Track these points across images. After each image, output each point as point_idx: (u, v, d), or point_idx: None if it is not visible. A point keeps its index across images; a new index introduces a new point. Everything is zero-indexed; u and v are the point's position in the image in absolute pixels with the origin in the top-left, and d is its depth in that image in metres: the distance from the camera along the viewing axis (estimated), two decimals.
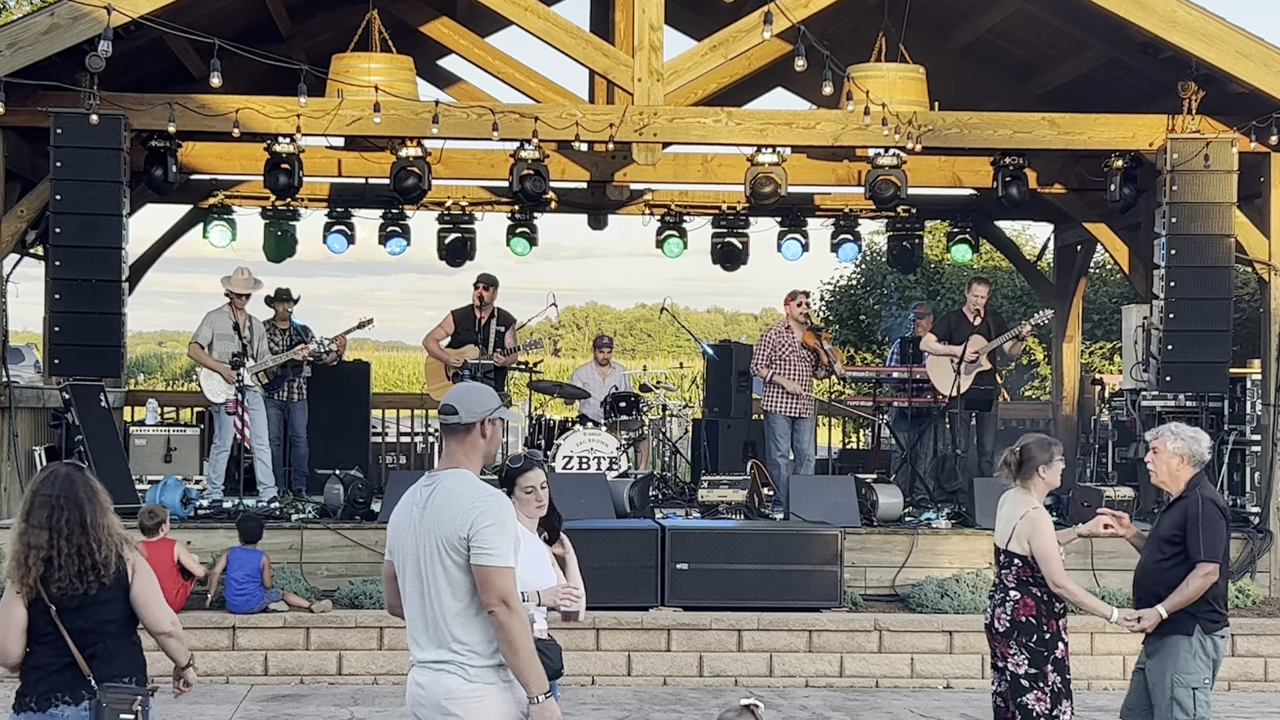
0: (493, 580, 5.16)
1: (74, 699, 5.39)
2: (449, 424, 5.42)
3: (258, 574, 11.58)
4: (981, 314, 14.72)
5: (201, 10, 13.13)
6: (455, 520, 5.23)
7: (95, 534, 5.45)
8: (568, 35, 13.07)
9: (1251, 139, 12.95)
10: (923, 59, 13.70)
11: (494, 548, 5.17)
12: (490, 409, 5.44)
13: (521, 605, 5.23)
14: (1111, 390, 16.79)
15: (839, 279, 28.26)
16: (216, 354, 13.82)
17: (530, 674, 5.17)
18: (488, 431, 5.44)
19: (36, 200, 12.76)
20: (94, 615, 5.42)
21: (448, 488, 5.33)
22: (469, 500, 5.25)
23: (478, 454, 5.43)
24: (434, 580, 5.27)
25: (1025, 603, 7.59)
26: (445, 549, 5.23)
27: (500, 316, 14.40)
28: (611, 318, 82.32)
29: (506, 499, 5.38)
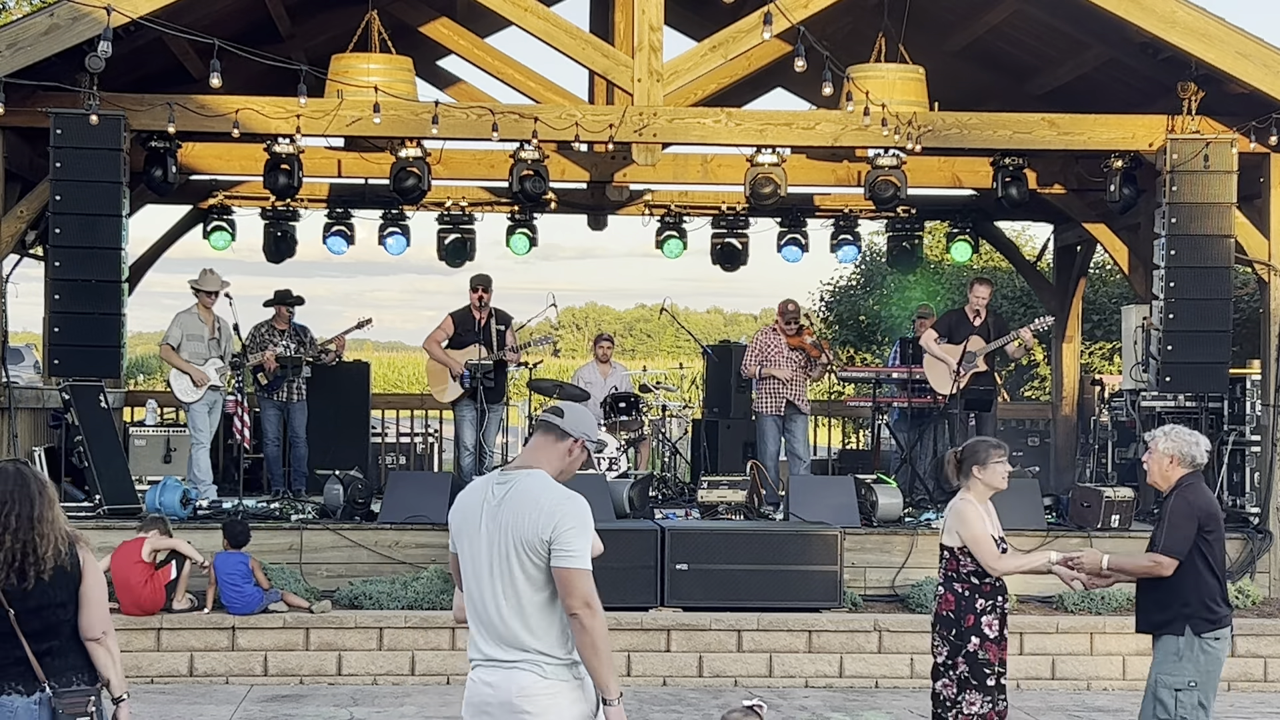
0: (576, 582, 5.17)
1: (27, 690, 5.39)
2: (549, 423, 5.46)
3: (248, 575, 11.57)
4: (982, 315, 14.72)
5: (201, 10, 13.12)
6: (537, 522, 5.22)
7: (39, 528, 5.44)
8: (567, 35, 13.07)
9: (1251, 139, 12.95)
10: (922, 59, 13.70)
11: (576, 550, 5.19)
12: (589, 435, 5.51)
13: (601, 607, 5.23)
14: (1111, 391, 16.79)
15: (839, 279, 28.29)
16: (186, 354, 13.85)
17: (609, 676, 5.21)
18: (575, 451, 5.48)
19: (36, 201, 12.76)
20: (46, 615, 5.41)
21: (526, 488, 5.31)
22: (550, 502, 5.25)
23: (559, 464, 5.46)
24: (511, 581, 5.25)
25: (946, 598, 7.85)
26: (524, 549, 5.22)
27: (499, 316, 14.40)
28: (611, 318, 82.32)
29: (585, 501, 5.38)
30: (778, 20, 12.68)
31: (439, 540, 12.57)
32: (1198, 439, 7.59)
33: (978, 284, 14.89)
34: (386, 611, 11.72)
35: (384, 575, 12.17)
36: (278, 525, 12.63)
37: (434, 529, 12.62)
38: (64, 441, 13.53)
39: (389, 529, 12.62)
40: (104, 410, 13.59)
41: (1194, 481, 7.53)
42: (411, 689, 11.36)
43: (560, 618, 5.24)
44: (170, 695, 10.94)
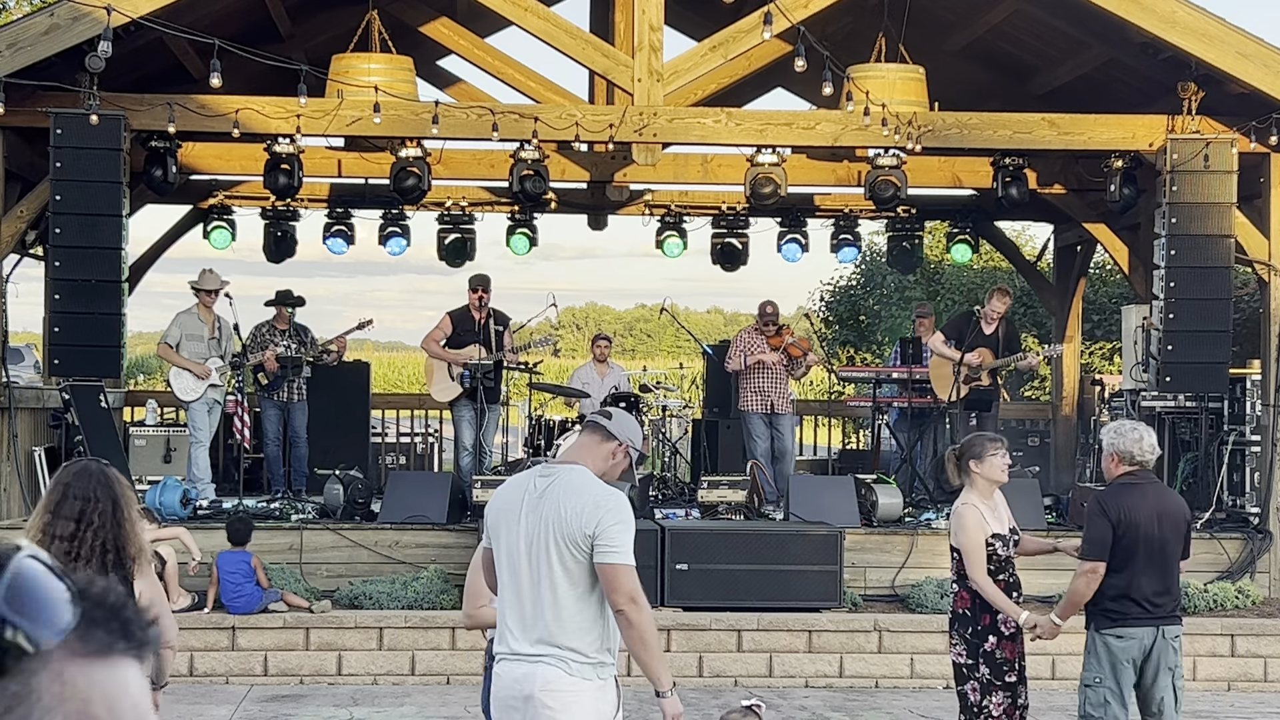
0: (621, 578, 5.20)
1: None
2: (596, 423, 5.47)
3: (251, 574, 11.57)
4: (995, 325, 14.70)
5: (201, 10, 13.13)
6: (580, 517, 5.21)
7: (127, 528, 5.45)
8: (567, 35, 13.07)
9: (1251, 139, 12.95)
10: (923, 59, 13.70)
11: (620, 545, 5.21)
12: (635, 441, 5.51)
13: (648, 603, 5.25)
14: (1111, 391, 16.78)
15: (839, 279, 28.28)
16: (185, 354, 13.86)
17: (661, 669, 5.25)
18: (618, 455, 5.46)
19: (36, 200, 12.76)
20: None
21: (569, 482, 5.30)
22: (593, 497, 5.24)
23: (602, 464, 5.45)
24: (548, 574, 5.23)
25: (961, 595, 7.81)
26: (566, 544, 5.21)
27: (497, 316, 14.40)
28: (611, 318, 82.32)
29: (627, 498, 5.40)
30: (778, 20, 12.67)
31: (439, 540, 12.58)
32: (1141, 435, 7.57)
33: (998, 294, 14.77)
34: (386, 611, 11.72)
35: (384, 575, 12.17)
36: (278, 525, 12.63)
37: (434, 529, 12.63)
38: (64, 441, 13.53)
39: (389, 529, 12.62)
40: (104, 410, 13.59)
41: (1127, 480, 7.52)
42: (411, 689, 11.36)
43: (592, 615, 5.23)
44: (170, 695, 10.93)
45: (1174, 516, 7.62)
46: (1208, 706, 11.34)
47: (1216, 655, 11.94)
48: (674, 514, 13.71)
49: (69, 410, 13.03)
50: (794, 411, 15.23)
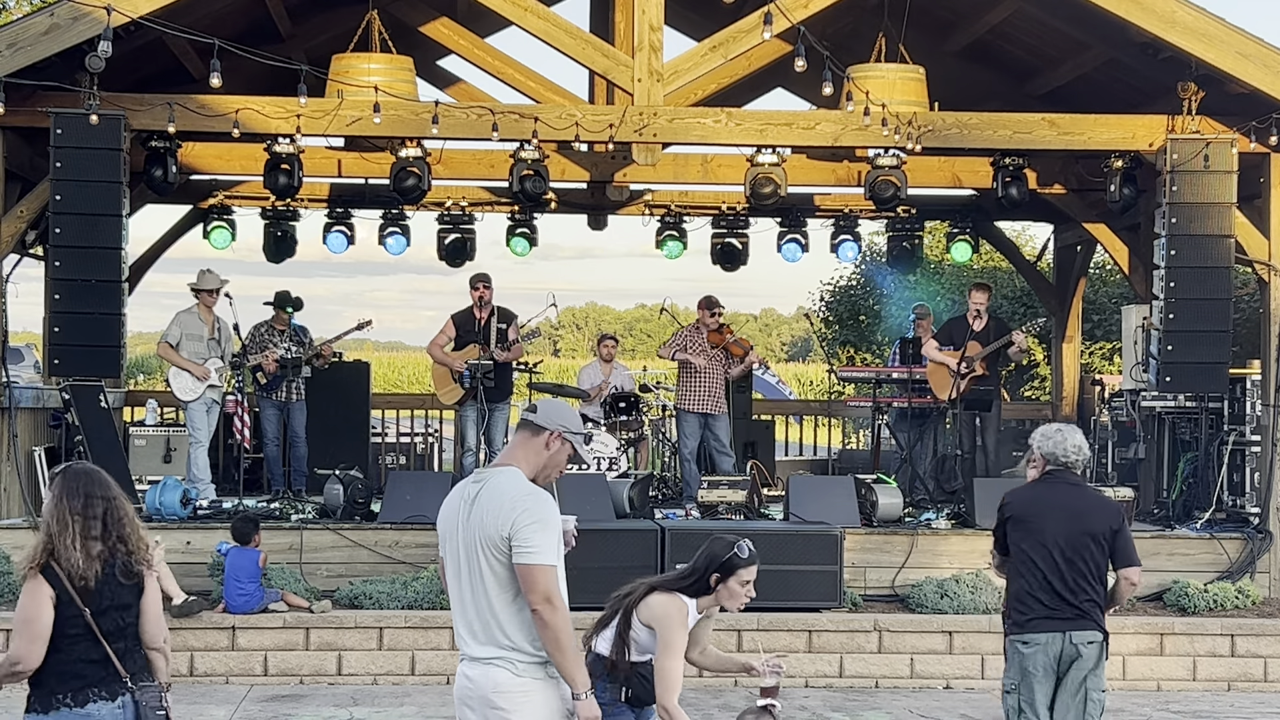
0: (535, 578, 5.20)
1: (110, 695, 5.42)
2: (524, 419, 5.51)
3: (257, 574, 11.58)
4: (983, 319, 14.74)
5: (201, 11, 13.12)
6: (497, 520, 5.27)
7: (137, 535, 5.49)
8: (567, 35, 13.06)
9: (1251, 139, 12.95)
10: (922, 59, 13.70)
11: (535, 546, 5.21)
12: (566, 426, 5.50)
13: (565, 602, 5.24)
14: (1111, 391, 16.79)
15: (839, 279, 28.28)
16: (185, 354, 13.86)
17: (574, 671, 5.24)
18: (553, 446, 5.48)
19: (36, 200, 12.76)
20: (120, 616, 5.44)
21: (494, 486, 5.36)
22: (511, 499, 5.28)
23: (537, 460, 5.48)
24: (480, 579, 5.31)
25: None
26: (489, 547, 5.28)
27: (501, 314, 14.41)
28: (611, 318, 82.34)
29: (550, 498, 5.38)
30: (778, 20, 12.67)
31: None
32: (1065, 436, 7.53)
33: (975, 289, 15.05)
34: (386, 611, 11.72)
35: (384, 575, 12.17)
36: (278, 525, 12.62)
37: (434, 529, 12.54)
38: (64, 441, 13.52)
39: (389, 529, 12.62)
40: (104, 410, 13.59)
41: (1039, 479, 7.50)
42: (411, 689, 11.36)
43: (526, 615, 5.27)
44: (170, 695, 10.92)
45: (1090, 518, 7.30)
46: (1208, 707, 11.34)
47: (1216, 655, 11.94)
48: (674, 514, 13.70)
49: (69, 410, 13.03)
50: (729, 413, 15.25)
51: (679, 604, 6.28)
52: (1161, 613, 12.30)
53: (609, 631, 6.32)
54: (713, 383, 14.93)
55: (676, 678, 6.09)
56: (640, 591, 6.38)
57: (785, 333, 74.68)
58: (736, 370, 15.28)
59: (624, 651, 6.19)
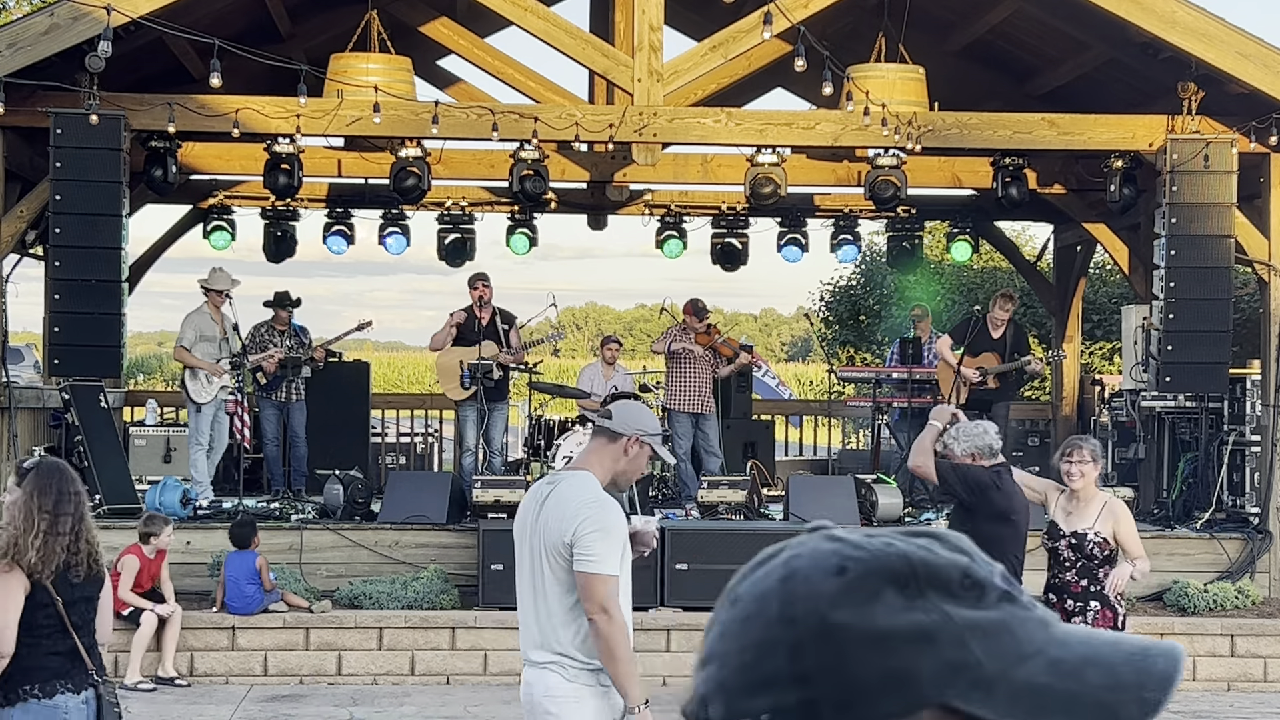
0: (593, 587, 5.15)
1: (75, 688, 5.42)
2: (599, 426, 5.45)
3: (255, 576, 11.58)
4: (1002, 329, 14.70)
5: (201, 10, 13.12)
6: (561, 525, 5.22)
7: (89, 521, 5.52)
8: (567, 35, 13.06)
9: (1251, 139, 12.95)
10: (922, 59, 13.70)
11: (595, 554, 5.15)
12: (641, 429, 5.42)
13: (622, 614, 5.18)
14: (1111, 391, 16.78)
15: (839, 279, 28.27)
16: (199, 354, 13.86)
17: (630, 681, 5.17)
18: (631, 450, 5.40)
19: (36, 200, 12.76)
20: (87, 609, 5.46)
21: (563, 490, 5.31)
22: (575, 504, 5.23)
23: (614, 465, 5.41)
24: (543, 583, 5.29)
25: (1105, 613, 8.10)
26: (551, 552, 5.24)
27: (503, 315, 14.40)
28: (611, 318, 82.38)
29: (616, 505, 5.33)
30: (778, 20, 12.67)
31: (439, 540, 12.58)
32: (985, 428, 7.69)
33: (1001, 299, 14.88)
34: (386, 611, 11.72)
35: (384, 575, 12.17)
36: (278, 525, 12.63)
37: (434, 529, 12.62)
38: (64, 441, 13.53)
39: (389, 529, 12.62)
40: (104, 410, 13.59)
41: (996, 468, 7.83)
42: (411, 689, 11.36)
43: (584, 622, 5.24)
44: (170, 695, 10.94)
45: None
46: (1208, 707, 11.34)
47: (1216, 655, 11.94)
48: (674, 514, 13.70)
49: (69, 410, 13.04)
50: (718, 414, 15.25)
51: None
52: (1161, 613, 12.29)
53: None
54: (701, 382, 14.93)
55: None
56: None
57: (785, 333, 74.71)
58: (725, 370, 15.28)
59: None
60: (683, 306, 15.40)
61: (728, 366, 15.25)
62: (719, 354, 15.08)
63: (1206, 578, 12.65)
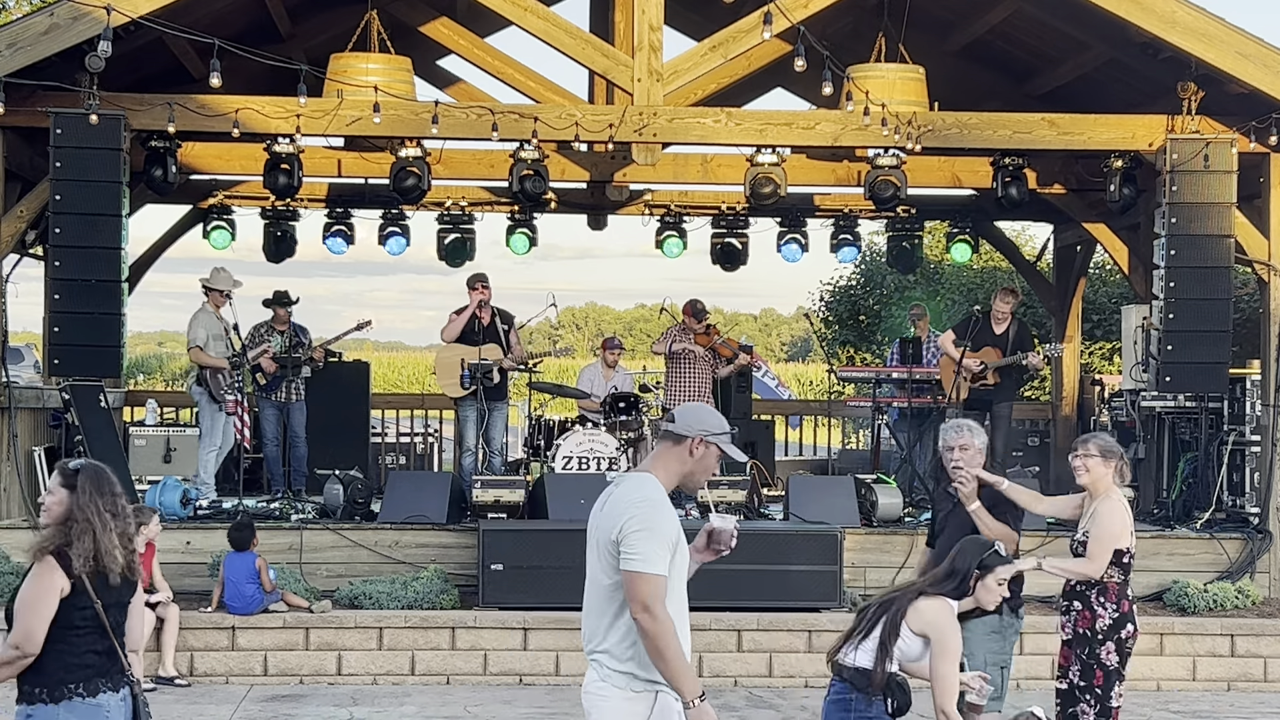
0: (635, 586, 5.15)
1: (115, 687, 5.46)
2: (663, 430, 5.44)
3: (254, 577, 11.57)
4: (1005, 324, 14.69)
5: (201, 10, 13.12)
6: (611, 524, 5.24)
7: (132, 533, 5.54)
8: (567, 35, 13.06)
9: (1251, 139, 12.95)
10: (922, 59, 13.70)
11: (640, 553, 5.15)
12: (705, 430, 5.38)
13: (666, 612, 5.16)
14: (1111, 391, 16.78)
15: (839, 279, 28.28)
16: (213, 354, 13.91)
17: (680, 678, 5.15)
18: (697, 451, 5.38)
19: (36, 200, 12.76)
20: (120, 613, 5.51)
21: (618, 492, 5.34)
22: (624, 505, 5.24)
23: (677, 468, 5.39)
24: (595, 581, 5.33)
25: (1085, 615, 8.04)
26: (603, 550, 5.28)
27: (502, 316, 14.41)
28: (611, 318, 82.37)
29: (667, 505, 5.29)
30: (778, 20, 12.67)
31: (439, 540, 12.58)
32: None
33: (1004, 293, 14.90)
34: (386, 611, 11.72)
35: (384, 575, 12.17)
36: (278, 525, 12.63)
37: (434, 529, 12.62)
38: (64, 441, 13.52)
39: (389, 529, 12.62)
40: (104, 410, 13.59)
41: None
42: (411, 689, 11.36)
43: (622, 622, 5.25)
44: (170, 695, 10.94)
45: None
46: (1208, 706, 11.34)
47: (1216, 655, 11.94)
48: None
49: (69, 410, 13.03)
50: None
51: (950, 608, 6.33)
52: (1161, 613, 12.29)
53: (870, 643, 6.31)
54: (701, 383, 14.95)
55: (955, 682, 6.17)
56: (905, 600, 6.37)
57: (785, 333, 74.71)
58: (725, 370, 15.30)
59: (885, 662, 6.19)
60: (682, 307, 15.40)
61: (727, 367, 15.27)
62: (719, 354, 15.10)
63: (1206, 578, 12.65)
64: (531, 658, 11.57)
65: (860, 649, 6.31)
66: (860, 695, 6.16)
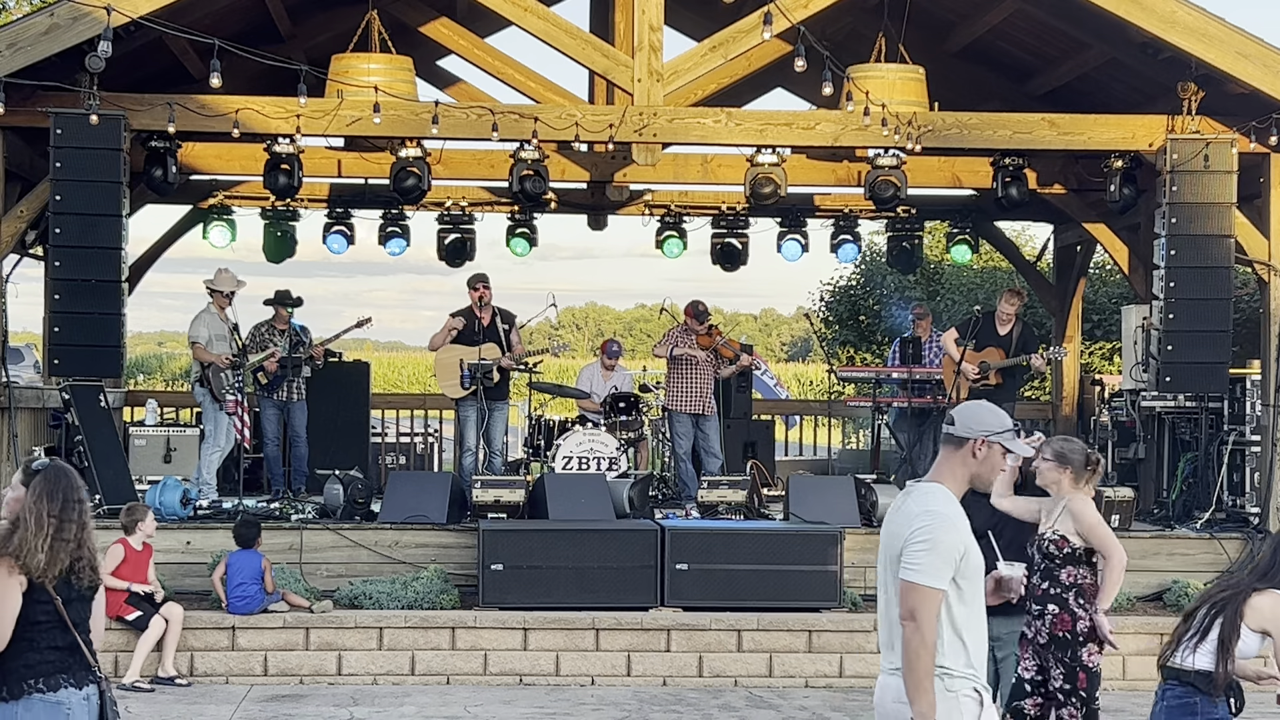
0: (908, 595, 5.17)
1: (77, 684, 5.42)
2: (945, 434, 5.43)
3: (259, 576, 11.57)
4: (1009, 325, 14.68)
5: (201, 10, 13.13)
6: (897, 536, 5.27)
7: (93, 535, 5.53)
8: (567, 36, 13.07)
9: (1251, 139, 12.95)
10: (922, 59, 13.70)
11: (917, 564, 5.16)
12: (988, 430, 5.35)
13: (933, 629, 5.15)
14: (1111, 391, 16.78)
15: (839, 279, 28.28)
16: (215, 353, 13.93)
17: (917, 694, 5.14)
18: (980, 452, 5.35)
19: (36, 200, 12.77)
20: (83, 608, 5.48)
21: (908, 503, 5.34)
22: (909, 517, 5.25)
23: (964, 471, 5.36)
24: (888, 588, 5.34)
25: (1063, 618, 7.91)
26: (891, 560, 5.30)
27: (503, 315, 14.40)
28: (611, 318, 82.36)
29: (956, 520, 5.27)
30: (778, 20, 12.67)
31: (439, 540, 12.58)
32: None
33: (1008, 295, 14.89)
34: (386, 611, 11.72)
35: (384, 575, 12.17)
36: (278, 525, 12.62)
37: (434, 529, 12.62)
38: (64, 441, 13.53)
39: (389, 529, 12.62)
40: (104, 410, 13.59)
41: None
42: (411, 689, 11.36)
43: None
44: (170, 695, 10.94)
45: None
46: None
47: None
48: (674, 514, 13.71)
49: (69, 410, 13.03)
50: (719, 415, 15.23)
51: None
52: (1161, 613, 12.29)
53: (1208, 645, 6.29)
54: (702, 383, 14.93)
55: None
56: (1240, 599, 6.34)
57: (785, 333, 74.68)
58: (727, 371, 15.27)
59: (1228, 662, 6.18)
60: (684, 309, 15.39)
61: (729, 367, 15.26)
62: (720, 356, 15.09)
63: (1206, 578, 12.64)
64: (531, 658, 11.57)
65: (1198, 651, 6.31)
66: (1204, 698, 6.17)
